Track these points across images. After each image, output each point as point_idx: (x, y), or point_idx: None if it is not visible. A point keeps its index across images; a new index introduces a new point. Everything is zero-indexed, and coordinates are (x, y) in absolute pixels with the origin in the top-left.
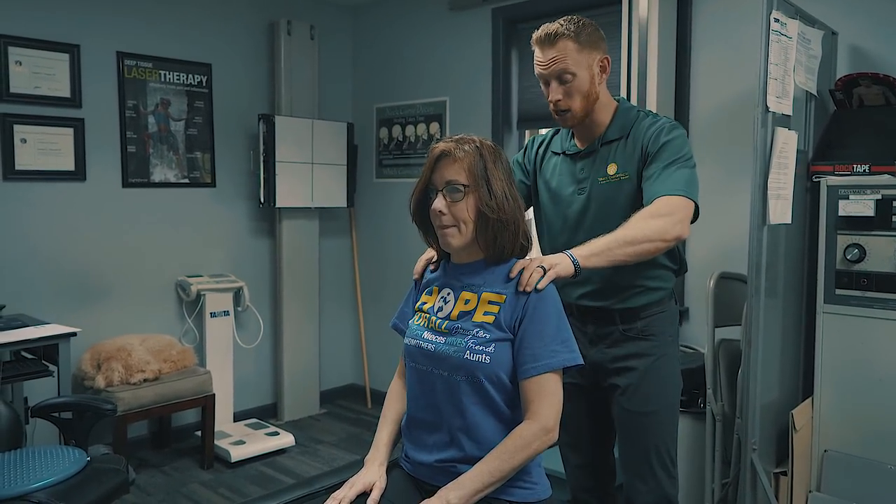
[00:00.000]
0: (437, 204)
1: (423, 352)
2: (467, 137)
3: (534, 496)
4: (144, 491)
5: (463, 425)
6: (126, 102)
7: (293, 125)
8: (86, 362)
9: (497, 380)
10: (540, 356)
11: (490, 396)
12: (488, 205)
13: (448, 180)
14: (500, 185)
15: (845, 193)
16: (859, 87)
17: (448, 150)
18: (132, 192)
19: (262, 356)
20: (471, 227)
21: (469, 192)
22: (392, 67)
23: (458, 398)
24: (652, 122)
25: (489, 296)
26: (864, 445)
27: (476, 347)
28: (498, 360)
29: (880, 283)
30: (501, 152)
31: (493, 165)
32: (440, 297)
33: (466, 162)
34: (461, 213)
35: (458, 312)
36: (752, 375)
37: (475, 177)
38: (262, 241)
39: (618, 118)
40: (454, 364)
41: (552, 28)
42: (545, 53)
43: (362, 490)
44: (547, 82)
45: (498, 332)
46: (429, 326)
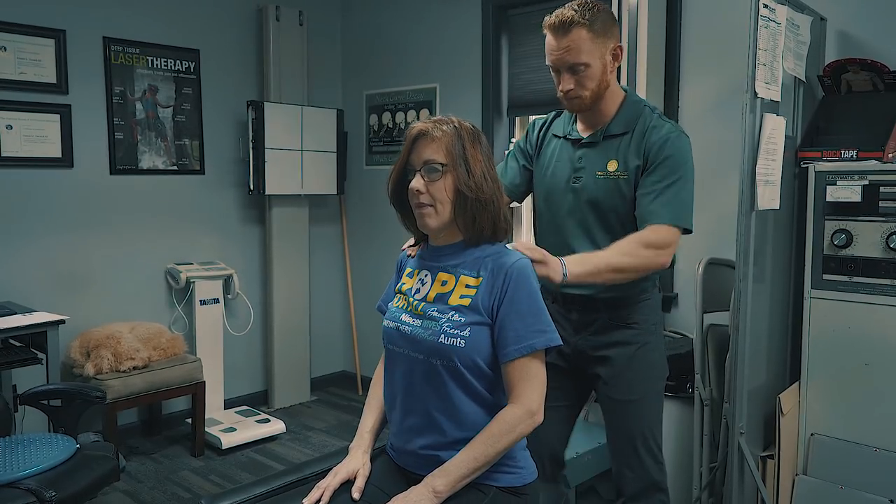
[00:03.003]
0: (415, 183)
1: (400, 334)
2: (445, 118)
3: (520, 480)
4: (135, 478)
5: (443, 408)
6: (113, 89)
7: (282, 112)
8: (75, 350)
9: (472, 363)
10: (522, 338)
11: (467, 380)
12: (466, 184)
13: (426, 160)
14: (478, 166)
15: (833, 179)
16: (847, 73)
17: (426, 130)
18: (120, 178)
19: (253, 343)
20: (448, 208)
21: (447, 172)
22: (382, 54)
23: (436, 382)
24: (658, 125)
25: (466, 279)
26: (850, 429)
27: (450, 331)
28: (474, 345)
29: (867, 268)
30: (481, 134)
31: (471, 146)
32: (418, 279)
33: (444, 141)
34: (439, 193)
35: (435, 294)
36: (740, 360)
37: (453, 156)
38: (251, 229)
39: (624, 111)
40: (429, 347)
41: (567, 15)
42: (558, 42)
43: (346, 478)
44: (558, 70)
45: (474, 316)
46: (407, 309)
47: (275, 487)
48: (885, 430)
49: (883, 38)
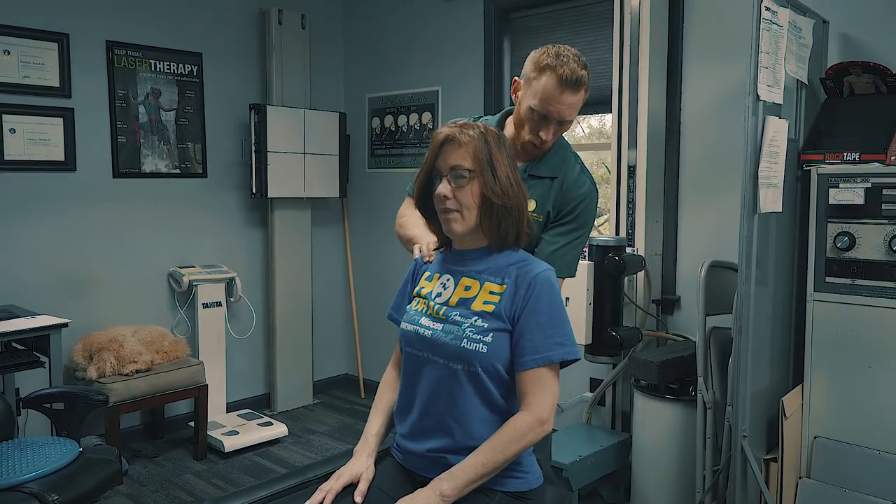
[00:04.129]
0: (442, 189)
1: (419, 337)
2: (471, 123)
3: (526, 485)
4: (138, 482)
5: (455, 414)
6: (116, 92)
7: (285, 115)
8: (78, 353)
9: (493, 370)
10: (540, 348)
11: (485, 386)
12: (493, 190)
13: (452, 165)
14: (504, 171)
15: (835, 182)
16: (850, 76)
17: (452, 136)
18: (123, 182)
19: (255, 347)
20: (474, 213)
21: (474, 178)
22: (384, 57)
23: (453, 386)
24: (581, 180)
25: (491, 285)
26: (853, 432)
27: (473, 336)
28: (495, 350)
29: (870, 270)
30: (505, 138)
31: (497, 151)
32: (440, 283)
33: (471, 147)
34: (465, 199)
35: (458, 299)
36: (743, 363)
37: (480, 162)
38: (254, 232)
39: (553, 154)
40: (451, 352)
41: (580, 74)
42: (565, 97)
43: (349, 482)
44: (546, 119)
45: (497, 322)
46: (427, 312)
47: (277, 491)
48: (888, 433)
49: (885, 40)
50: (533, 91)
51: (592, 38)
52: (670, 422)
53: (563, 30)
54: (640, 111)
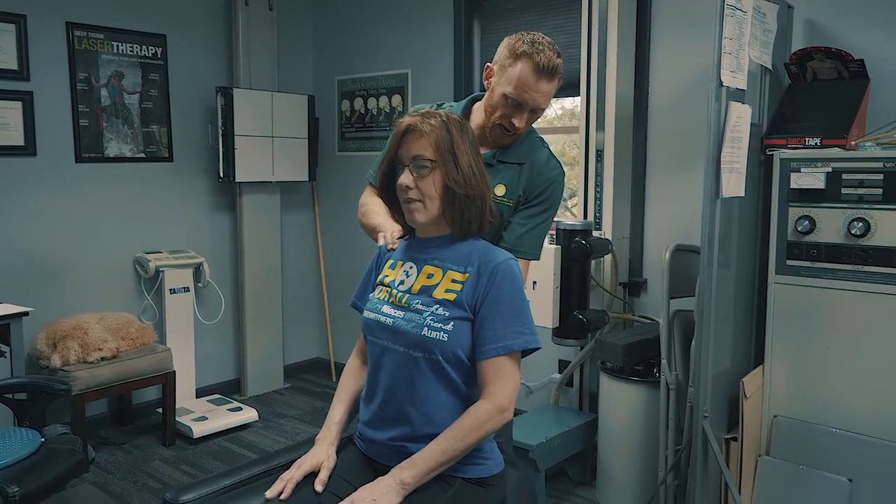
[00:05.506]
0: (404, 179)
1: (381, 326)
2: (433, 112)
3: (486, 471)
4: (105, 469)
5: (415, 401)
6: (77, 75)
7: (252, 98)
8: (41, 342)
9: (454, 357)
10: (500, 337)
11: (447, 374)
12: (455, 180)
13: (414, 155)
14: (466, 160)
15: (797, 166)
16: (813, 61)
17: (414, 125)
18: (86, 167)
19: (225, 332)
20: (437, 203)
21: (436, 168)
22: (354, 39)
23: (413, 374)
24: (550, 164)
25: (454, 273)
26: (811, 411)
27: (434, 324)
28: (456, 339)
29: (829, 253)
30: (468, 126)
31: (459, 140)
32: (402, 271)
33: (433, 137)
34: (428, 189)
35: (420, 287)
36: (705, 345)
37: (442, 152)
38: (222, 217)
39: (521, 140)
40: (411, 340)
41: (555, 62)
42: (540, 84)
43: (310, 470)
44: (519, 106)
45: (458, 311)
46: (389, 300)
47: (241, 479)
48: (844, 412)
49: (849, 26)
50: (508, 78)
51: (562, 20)
52: (635, 403)
53: (533, 12)
54: (609, 94)
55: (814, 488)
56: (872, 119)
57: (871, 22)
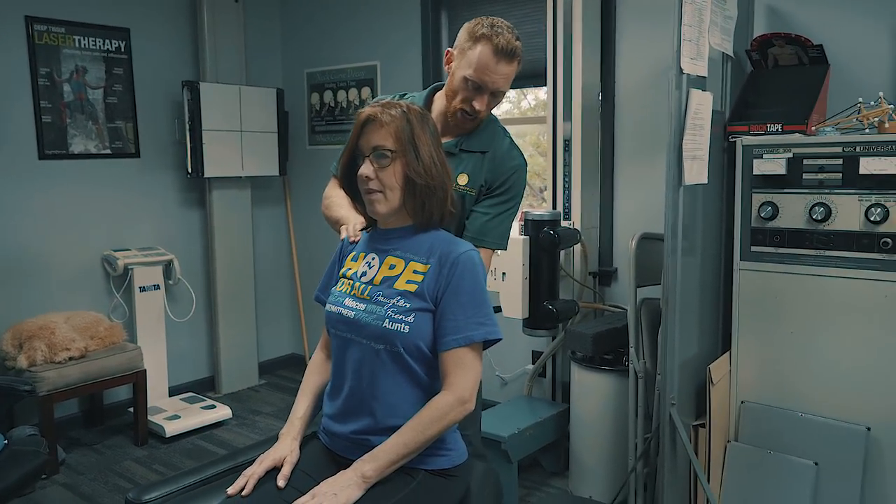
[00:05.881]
0: (364, 170)
1: (343, 319)
2: (394, 102)
3: (449, 462)
4: (75, 470)
5: (377, 394)
6: (38, 70)
7: (219, 92)
8: (6, 342)
9: (416, 350)
10: (461, 328)
11: (409, 366)
12: (416, 170)
13: (375, 146)
14: (427, 151)
15: (759, 153)
16: (773, 48)
17: (374, 115)
18: (50, 164)
19: (197, 329)
20: (398, 194)
21: (396, 158)
22: (322, 31)
23: (375, 366)
24: (512, 153)
25: (415, 265)
26: (777, 396)
27: (395, 316)
28: (418, 330)
29: (792, 238)
30: (429, 117)
31: (420, 130)
32: (365, 263)
33: (393, 127)
34: (388, 179)
35: (382, 278)
36: (671, 333)
37: (402, 142)
38: (192, 213)
39: (483, 129)
40: (372, 332)
41: (514, 44)
42: (499, 66)
43: (272, 465)
44: (479, 89)
45: (419, 302)
46: (351, 293)
47: (206, 476)
48: (809, 396)
49: (808, 11)
50: (468, 61)
51: (529, 10)
52: (605, 391)
53: (500, 2)
54: (575, 84)
55: (781, 472)
56: (833, 104)
57: (829, 7)
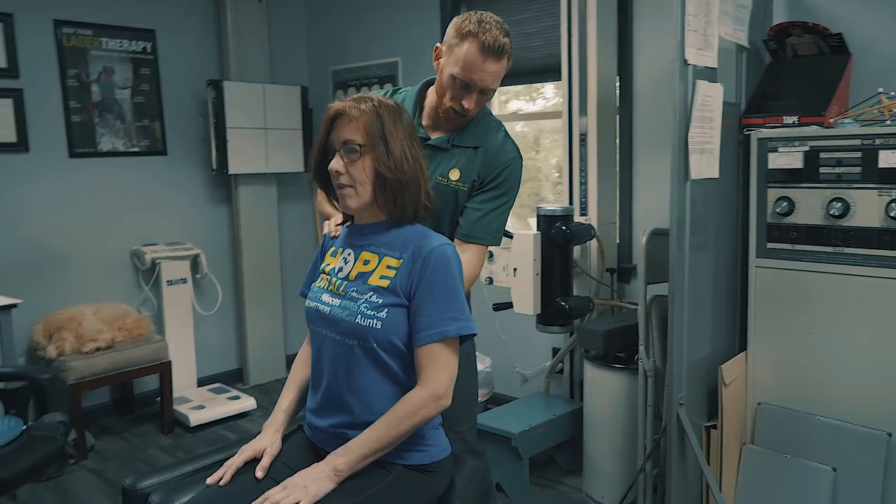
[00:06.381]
0: (334, 164)
1: (319, 314)
2: (366, 96)
3: (427, 458)
4: (103, 457)
5: (354, 389)
6: (67, 72)
7: (243, 90)
8: (38, 333)
9: (390, 345)
10: (434, 324)
11: (383, 362)
12: (385, 165)
13: (344, 140)
14: (398, 145)
15: (774, 146)
16: (791, 37)
17: (343, 110)
18: (79, 162)
19: (226, 322)
20: (368, 188)
21: (365, 152)
22: (346, 29)
23: (350, 362)
24: (506, 147)
25: (389, 260)
26: (795, 398)
27: (367, 312)
28: (391, 326)
29: (809, 235)
30: (403, 111)
31: (391, 125)
32: (342, 258)
33: (363, 121)
34: (358, 174)
35: (357, 273)
36: (678, 331)
37: (371, 136)
38: (219, 209)
39: (476, 123)
40: (346, 328)
41: (502, 41)
42: (487, 65)
43: (251, 457)
44: (467, 87)
45: (392, 297)
46: (328, 288)
47: (203, 465)
48: (828, 399)
49: None
50: (455, 58)
51: (545, 3)
52: (616, 390)
53: None
54: (590, 77)
55: (798, 477)
56: (856, 95)
57: None
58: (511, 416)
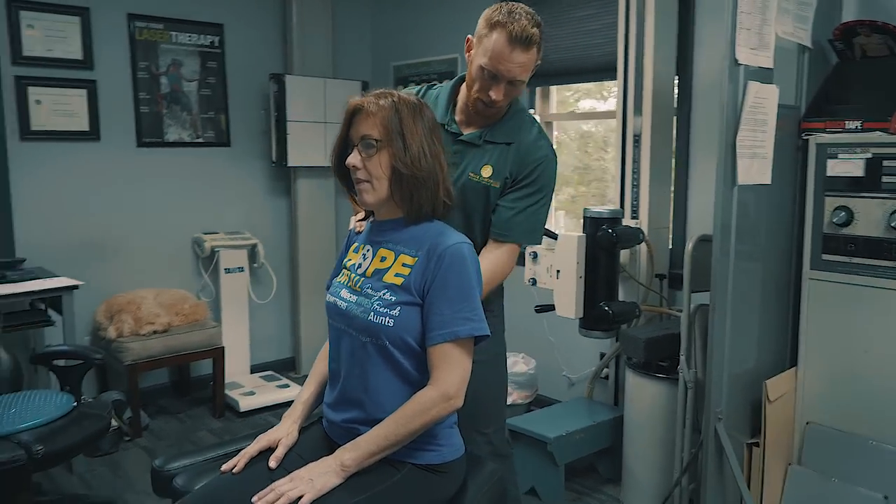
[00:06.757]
0: (352, 159)
1: (337, 309)
2: (387, 92)
3: (439, 458)
4: (157, 436)
5: (366, 386)
6: (138, 64)
7: (305, 84)
8: (100, 314)
9: (403, 344)
10: (447, 323)
11: (396, 360)
12: (402, 161)
13: (362, 135)
14: (417, 142)
15: (834, 152)
16: (859, 37)
17: (362, 105)
18: (147, 151)
19: (280, 312)
20: (385, 184)
21: (382, 148)
22: (409, 24)
23: (364, 359)
24: (539, 144)
25: (405, 257)
26: (846, 419)
27: (381, 309)
28: (403, 324)
29: (868, 248)
30: (425, 108)
31: (410, 121)
32: (361, 254)
33: (380, 116)
34: (375, 169)
35: (373, 270)
36: (718, 341)
37: (389, 132)
38: (278, 200)
39: (510, 118)
40: (360, 325)
41: (531, 31)
42: (515, 55)
43: (266, 446)
44: (495, 78)
45: (405, 296)
46: (348, 284)
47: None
48: (882, 422)
49: None
50: (483, 49)
51: (603, 1)
52: (657, 400)
53: None
54: (646, 76)
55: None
56: None
57: None
58: (549, 421)
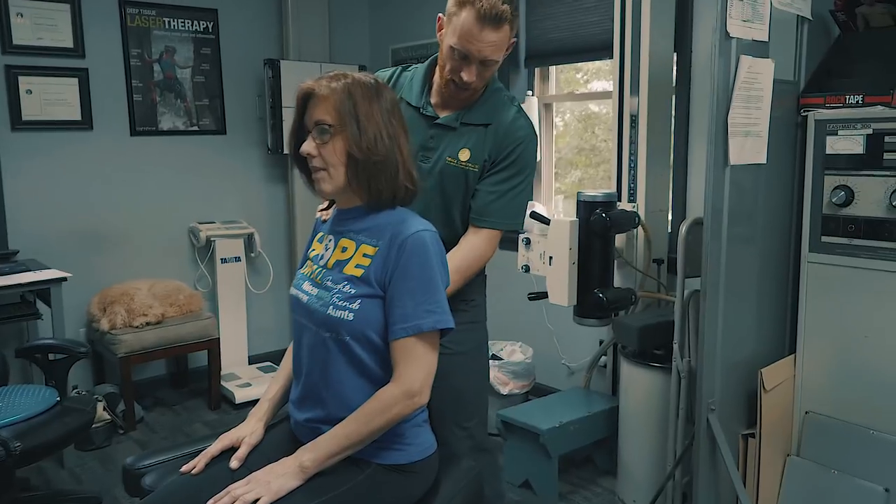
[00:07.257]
0: (306, 146)
1: (298, 302)
2: (340, 74)
3: (405, 458)
4: (151, 428)
5: (328, 383)
6: (130, 51)
7: (300, 69)
8: (94, 305)
9: (364, 338)
10: (409, 317)
11: (357, 356)
12: (357, 146)
13: (316, 120)
14: (374, 125)
15: (834, 129)
16: (862, 7)
17: (314, 89)
18: (140, 140)
19: (279, 302)
20: (342, 171)
21: (336, 133)
22: (409, 6)
23: (324, 355)
24: (518, 124)
25: (366, 247)
26: (846, 408)
27: (339, 303)
28: (364, 318)
29: (869, 229)
30: (383, 89)
31: (366, 103)
32: (324, 245)
33: (333, 100)
34: (330, 156)
35: (334, 261)
36: (711, 328)
37: (342, 115)
38: (275, 188)
39: (486, 99)
40: (319, 319)
41: (501, 9)
42: (485, 34)
43: (229, 445)
44: (466, 58)
45: (365, 288)
46: (310, 276)
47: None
48: (882, 411)
49: None
50: (453, 28)
51: None
52: (651, 389)
53: None
54: (643, 54)
55: (846, 496)
56: None
57: None
58: (544, 411)
